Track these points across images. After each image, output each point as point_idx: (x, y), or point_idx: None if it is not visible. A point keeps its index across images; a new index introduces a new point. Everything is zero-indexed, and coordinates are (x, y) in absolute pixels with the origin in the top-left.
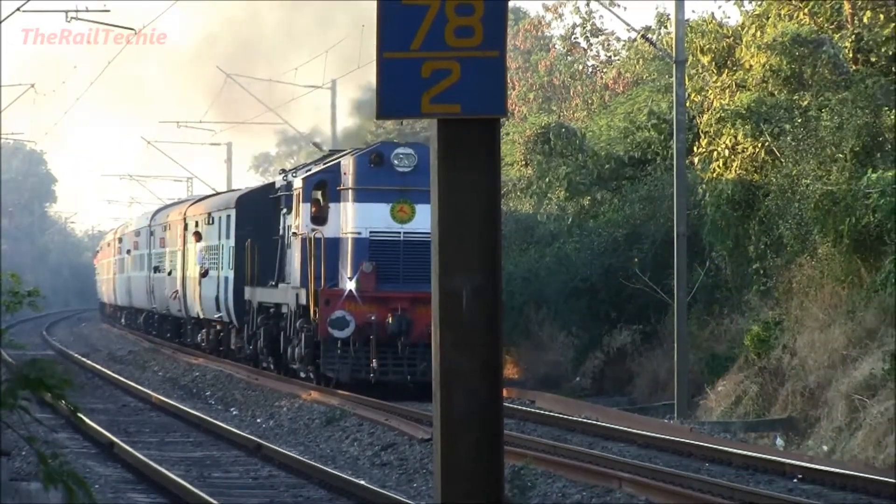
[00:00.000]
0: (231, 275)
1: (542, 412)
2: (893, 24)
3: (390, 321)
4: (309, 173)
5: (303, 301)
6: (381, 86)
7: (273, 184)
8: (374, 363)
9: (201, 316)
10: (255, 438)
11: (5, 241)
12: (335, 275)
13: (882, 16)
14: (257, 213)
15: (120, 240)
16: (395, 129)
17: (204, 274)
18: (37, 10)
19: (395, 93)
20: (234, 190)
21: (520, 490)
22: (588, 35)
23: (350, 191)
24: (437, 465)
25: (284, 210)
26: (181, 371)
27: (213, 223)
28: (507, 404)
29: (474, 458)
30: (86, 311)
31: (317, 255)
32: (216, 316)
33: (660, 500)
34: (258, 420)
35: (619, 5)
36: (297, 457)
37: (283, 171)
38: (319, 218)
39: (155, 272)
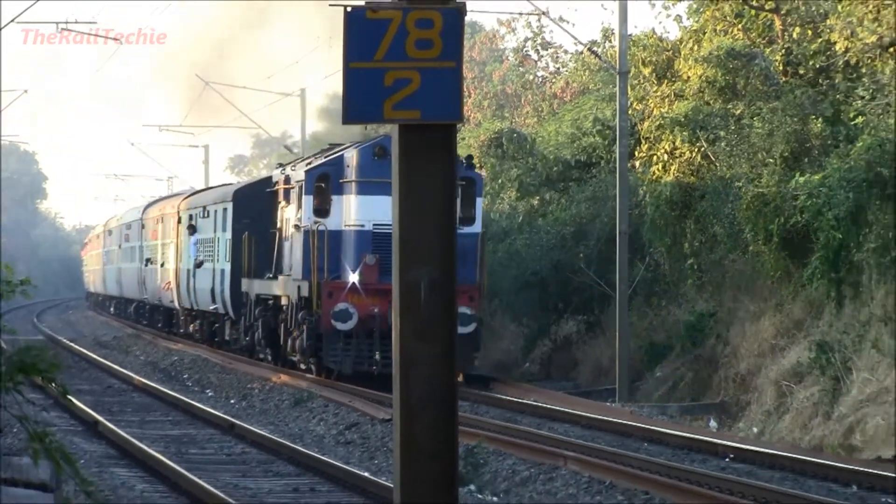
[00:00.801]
0: (227, 267)
1: (494, 396)
2: (820, 40)
3: None
4: (311, 166)
5: (305, 293)
6: (347, 93)
7: (270, 177)
8: (377, 355)
9: (195, 307)
10: (229, 418)
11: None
12: (338, 267)
13: (810, 32)
14: (254, 206)
15: (110, 232)
16: (360, 134)
17: (199, 266)
18: (31, 20)
19: (359, 100)
20: (228, 184)
21: (473, 467)
22: (539, 48)
23: (353, 183)
24: (397, 444)
25: (283, 203)
26: (161, 355)
27: (208, 216)
28: (462, 388)
29: (431, 437)
30: (73, 300)
31: (320, 248)
32: (211, 307)
33: (601, 476)
34: (232, 401)
35: (567, 21)
36: (268, 435)
37: (280, 164)
38: (322, 210)
39: (147, 264)
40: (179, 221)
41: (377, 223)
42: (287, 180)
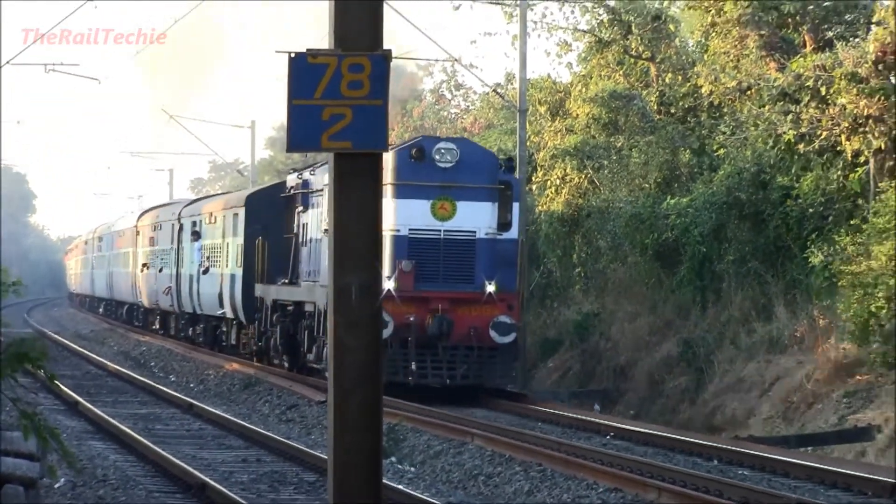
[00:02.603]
0: (239, 272)
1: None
2: (688, 84)
3: (430, 322)
4: None
5: None
6: (291, 126)
7: (283, 183)
8: (413, 365)
9: (198, 311)
10: (189, 399)
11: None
12: None
13: (680, 77)
14: (266, 212)
15: (100, 239)
16: (300, 160)
17: (205, 271)
18: (23, 62)
19: (301, 132)
20: (228, 192)
21: (394, 442)
22: (452, 89)
23: (389, 186)
24: (331, 422)
25: (300, 208)
26: (132, 346)
27: (215, 222)
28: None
29: (359, 416)
30: (57, 299)
31: None
32: (219, 312)
33: (503, 451)
34: (191, 385)
35: (476, 66)
36: (221, 414)
37: (295, 170)
38: None
39: (143, 269)
40: (181, 229)
41: (414, 228)
42: (306, 185)
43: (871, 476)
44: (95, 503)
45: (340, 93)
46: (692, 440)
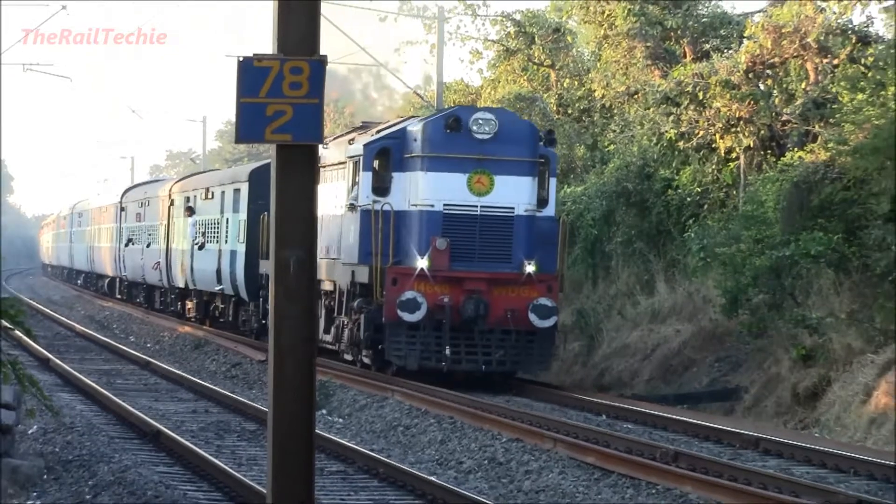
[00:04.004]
0: (241, 248)
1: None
2: (584, 88)
3: (465, 304)
4: (370, 139)
5: (362, 279)
6: (239, 120)
7: None
8: (447, 350)
9: (191, 287)
10: (146, 357)
11: None
12: (404, 251)
13: (576, 82)
14: (269, 188)
15: (80, 215)
16: (245, 151)
17: (200, 247)
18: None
19: (248, 126)
20: (215, 169)
21: (325, 396)
22: (377, 89)
23: (421, 158)
24: (270, 378)
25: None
26: (96, 311)
27: (211, 198)
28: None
29: (295, 374)
30: (31, 269)
31: (385, 230)
32: (216, 288)
33: (419, 405)
34: (148, 345)
35: (399, 70)
36: (174, 370)
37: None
38: (380, 189)
39: (129, 244)
40: (172, 204)
41: (448, 203)
42: (320, 159)
43: (738, 430)
44: (63, 447)
45: (282, 92)
46: (584, 398)
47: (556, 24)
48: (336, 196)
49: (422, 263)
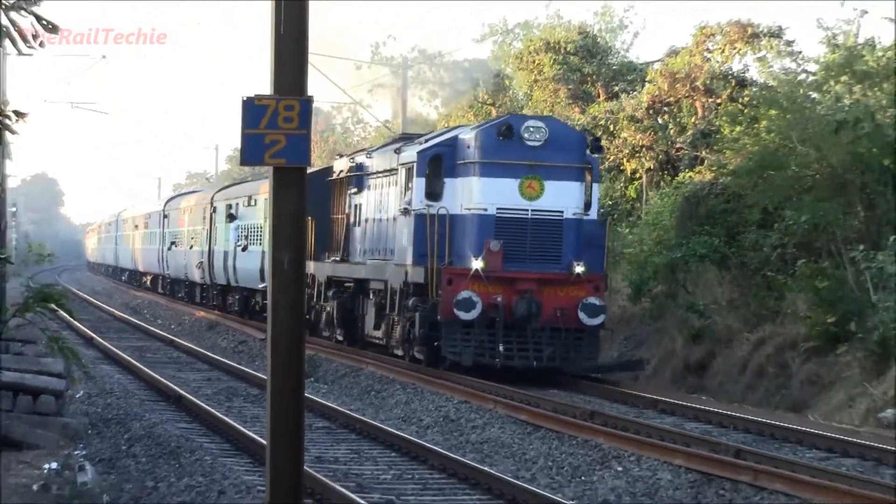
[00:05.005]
0: None
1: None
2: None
3: (518, 303)
4: (424, 147)
5: (416, 279)
6: (243, 147)
7: (325, 169)
8: (501, 347)
9: (233, 284)
10: (170, 336)
11: (37, 228)
12: (458, 253)
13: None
14: (312, 195)
15: (124, 221)
16: (249, 172)
17: (243, 249)
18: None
19: (251, 151)
20: (245, 180)
21: (313, 367)
22: (354, 122)
23: (475, 164)
24: (269, 352)
25: (354, 190)
26: (130, 299)
27: (254, 204)
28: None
29: (287, 349)
30: (78, 266)
31: (440, 232)
32: (260, 286)
33: (387, 374)
34: (172, 326)
35: (371, 106)
36: (192, 346)
37: (341, 155)
38: (432, 194)
39: (172, 247)
40: (214, 211)
41: (501, 207)
42: (360, 168)
43: (641, 394)
44: (104, 408)
45: (278, 125)
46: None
47: (497, 70)
48: (381, 202)
49: (476, 264)
